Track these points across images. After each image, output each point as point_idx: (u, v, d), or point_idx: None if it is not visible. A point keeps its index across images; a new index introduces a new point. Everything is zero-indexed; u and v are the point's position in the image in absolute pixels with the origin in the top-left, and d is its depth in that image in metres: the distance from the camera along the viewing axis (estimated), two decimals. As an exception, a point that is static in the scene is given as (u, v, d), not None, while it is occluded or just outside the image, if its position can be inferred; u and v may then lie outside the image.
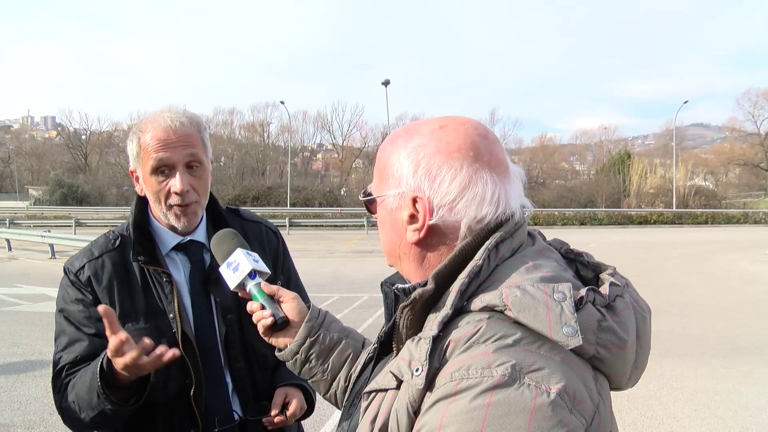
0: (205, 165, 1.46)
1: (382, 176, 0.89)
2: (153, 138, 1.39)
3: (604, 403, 0.73)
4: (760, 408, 4.63)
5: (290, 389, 1.50)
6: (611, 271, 0.85)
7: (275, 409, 1.46)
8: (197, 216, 1.48)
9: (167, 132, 1.40)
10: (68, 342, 1.42)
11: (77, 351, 1.40)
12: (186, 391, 1.41)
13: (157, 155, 1.39)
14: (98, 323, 1.41)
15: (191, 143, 1.43)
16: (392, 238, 0.89)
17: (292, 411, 1.46)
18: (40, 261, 14.73)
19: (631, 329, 0.77)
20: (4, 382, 5.23)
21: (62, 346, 1.43)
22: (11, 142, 65.58)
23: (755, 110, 55.32)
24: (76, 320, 1.42)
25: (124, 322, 1.41)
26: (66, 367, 1.41)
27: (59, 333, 1.44)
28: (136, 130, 1.45)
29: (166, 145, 1.39)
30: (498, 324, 0.72)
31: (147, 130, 1.41)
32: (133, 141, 1.44)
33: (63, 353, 1.42)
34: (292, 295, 1.17)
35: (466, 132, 0.84)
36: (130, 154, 1.46)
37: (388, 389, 0.78)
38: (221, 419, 1.45)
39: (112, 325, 1.22)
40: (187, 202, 1.43)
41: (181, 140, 1.41)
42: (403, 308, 0.80)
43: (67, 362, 1.41)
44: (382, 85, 35.18)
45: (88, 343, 1.40)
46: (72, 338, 1.41)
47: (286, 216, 29.04)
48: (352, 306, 8.64)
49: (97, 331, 1.41)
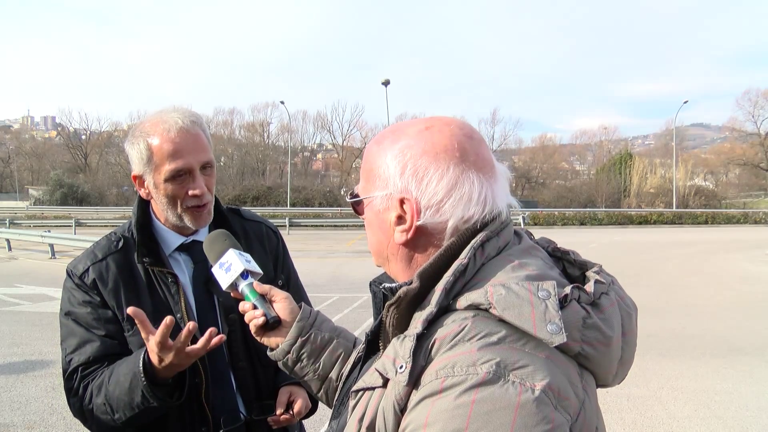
0: (214, 165, 1.49)
1: (368, 177, 0.89)
2: (167, 144, 1.38)
3: (589, 400, 0.73)
4: (760, 408, 4.63)
5: (294, 388, 1.50)
6: (597, 269, 0.85)
7: (280, 408, 1.46)
8: (211, 215, 1.50)
9: (182, 136, 1.38)
10: (78, 343, 1.41)
11: (89, 352, 1.39)
12: (196, 390, 1.41)
13: (176, 161, 1.38)
14: (107, 325, 1.42)
15: (204, 146, 1.44)
16: (380, 239, 0.89)
17: (298, 409, 1.45)
18: (40, 261, 14.74)
19: (616, 326, 0.78)
20: (4, 382, 5.24)
21: (72, 348, 1.41)
22: (11, 142, 65.54)
23: (755, 110, 55.36)
24: (84, 322, 1.42)
25: (132, 324, 1.41)
26: (79, 369, 1.40)
27: (67, 335, 1.43)
28: (141, 133, 1.41)
29: (183, 151, 1.38)
30: (483, 322, 0.72)
31: (156, 134, 1.39)
32: (140, 145, 1.40)
33: (74, 355, 1.41)
34: (284, 294, 1.17)
35: (452, 132, 0.84)
36: (136, 159, 1.42)
37: (375, 387, 0.78)
38: (227, 419, 1.45)
39: (145, 325, 1.23)
40: (204, 202, 1.46)
41: (195, 144, 1.41)
42: (389, 306, 0.81)
43: (79, 363, 1.40)
44: (382, 85, 35.21)
45: (100, 344, 1.40)
46: (82, 339, 1.41)
47: (286, 216, 29.04)
48: (351, 306, 8.64)
49: (107, 332, 1.41)
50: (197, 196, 1.43)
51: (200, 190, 1.42)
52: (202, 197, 1.44)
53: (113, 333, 1.41)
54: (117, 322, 1.42)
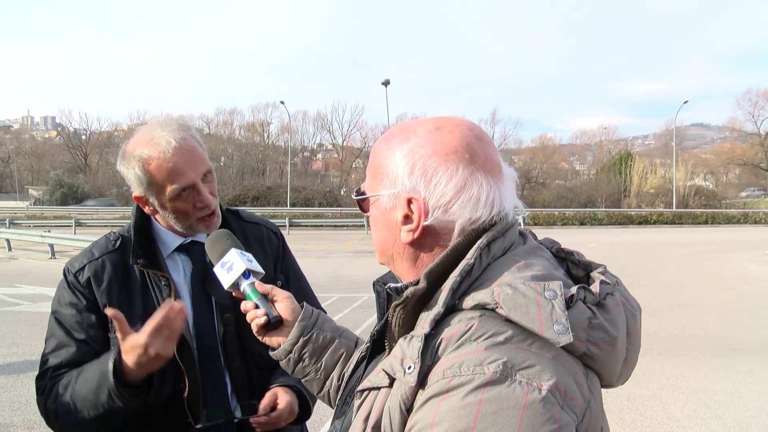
0: (213, 169, 1.49)
1: (376, 175, 0.89)
2: (165, 165, 1.36)
3: (595, 400, 0.74)
4: (760, 408, 4.63)
5: (281, 390, 1.47)
6: (602, 269, 0.85)
7: (264, 410, 1.43)
8: (219, 217, 1.51)
9: (178, 155, 1.37)
10: (56, 346, 1.42)
11: (63, 356, 1.41)
12: (180, 394, 1.40)
13: (178, 181, 1.38)
14: (89, 329, 1.42)
15: (201, 157, 1.43)
16: (386, 238, 0.89)
17: (278, 412, 1.42)
18: (40, 261, 14.74)
19: (621, 327, 0.78)
20: (4, 382, 5.24)
21: (50, 349, 1.43)
22: (11, 142, 65.52)
23: (755, 110, 55.32)
24: (67, 324, 1.42)
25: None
26: (50, 371, 1.41)
27: (50, 335, 1.45)
28: (133, 157, 1.39)
29: (182, 169, 1.38)
30: (489, 322, 0.72)
31: (151, 157, 1.37)
32: (135, 169, 1.39)
33: (50, 356, 1.42)
34: (286, 294, 1.17)
35: (462, 134, 0.84)
36: (135, 182, 1.41)
37: (380, 387, 0.78)
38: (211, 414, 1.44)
39: (123, 326, 1.23)
40: (213, 209, 1.47)
41: (192, 158, 1.40)
42: (396, 307, 0.81)
43: (52, 365, 1.41)
44: (382, 85, 35.20)
45: (76, 350, 1.40)
46: (60, 343, 1.42)
47: (286, 216, 29.03)
48: (351, 306, 8.65)
49: (87, 337, 1.41)
50: (205, 207, 1.44)
51: (208, 202, 1.44)
52: (210, 206, 1.45)
53: (93, 339, 1.41)
54: (100, 328, 1.42)
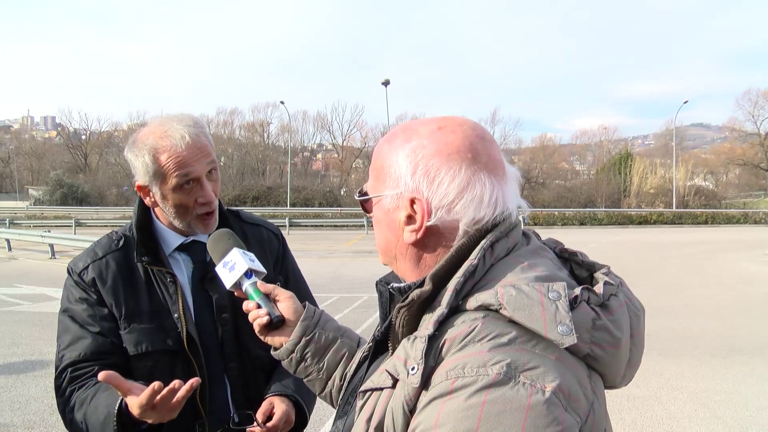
0: (218, 166, 1.49)
1: (378, 176, 0.89)
2: (175, 157, 1.38)
3: (598, 401, 0.73)
4: (760, 408, 4.63)
5: (277, 400, 1.44)
6: (605, 270, 0.85)
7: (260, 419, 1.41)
8: (217, 219, 1.51)
9: (189, 150, 1.38)
10: (72, 340, 1.41)
11: (80, 348, 1.40)
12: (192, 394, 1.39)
13: (184, 172, 1.38)
14: (102, 322, 1.42)
15: (208, 151, 1.43)
16: (388, 238, 0.89)
17: (274, 423, 1.40)
18: (40, 261, 14.73)
19: (625, 328, 0.78)
20: (4, 382, 5.24)
21: (65, 344, 1.42)
22: (11, 142, 65.54)
23: (755, 110, 55.23)
24: (80, 319, 1.42)
25: (129, 322, 1.41)
26: (69, 366, 1.40)
27: (62, 332, 1.44)
28: (145, 146, 1.39)
29: (190, 162, 1.39)
30: (493, 323, 0.72)
31: (163, 148, 1.38)
32: (145, 158, 1.39)
33: (66, 351, 1.41)
34: (288, 294, 1.17)
35: (465, 133, 0.84)
36: (141, 170, 1.41)
37: (383, 388, 0.78)
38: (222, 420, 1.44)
39: (121, 386, 1.21)
40: (213, 207, 1.47)
41: (201, 153, 1.41)
42: (400, 308, 0.80)
43: (70, 360, 1.40)
44: (382, 85, 35.22)
45: (92, 341, 1.40)
46: (76, 336, 1.41)
47: (286, 216, 29.04)
48: (351, 306, 8.65)
49: (102, 329, 1.41)
50: (206, 203, 1.44)
51: (210, 198, 1.43)
52: (211, 203, 1.45)
53: (107, 330, 1.41)
54: (113, 320, 1.42)
